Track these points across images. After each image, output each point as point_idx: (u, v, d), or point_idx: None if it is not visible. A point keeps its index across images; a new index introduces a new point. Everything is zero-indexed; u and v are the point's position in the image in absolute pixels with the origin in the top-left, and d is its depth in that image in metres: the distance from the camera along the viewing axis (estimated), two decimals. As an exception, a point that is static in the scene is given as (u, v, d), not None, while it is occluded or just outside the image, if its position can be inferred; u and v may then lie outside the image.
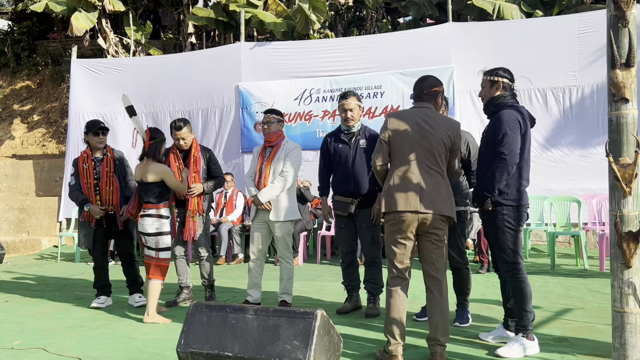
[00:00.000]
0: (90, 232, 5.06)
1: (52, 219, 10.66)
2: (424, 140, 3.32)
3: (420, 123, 3.35)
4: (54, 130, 12.93)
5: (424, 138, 3.32)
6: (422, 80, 3.55)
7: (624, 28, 2.62)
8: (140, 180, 4.53)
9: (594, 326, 4.10)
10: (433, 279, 3.33)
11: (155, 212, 4.51)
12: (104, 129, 5.12)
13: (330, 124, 9.13)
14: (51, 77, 14.03)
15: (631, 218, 2.65)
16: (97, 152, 5.12)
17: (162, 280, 4.57)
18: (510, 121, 3.38)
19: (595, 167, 8.00)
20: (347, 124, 4.58)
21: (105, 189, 5.04)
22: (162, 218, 4.53)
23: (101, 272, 5.18)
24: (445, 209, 3.30)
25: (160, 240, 4.52)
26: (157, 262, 4.54)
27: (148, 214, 4.52)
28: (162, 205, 4.53)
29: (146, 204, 4.53)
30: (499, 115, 3.48)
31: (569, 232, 7.16)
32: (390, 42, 9.22)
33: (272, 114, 4.76)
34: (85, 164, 5.07)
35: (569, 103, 8.18)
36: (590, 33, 8.04)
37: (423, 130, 3.33)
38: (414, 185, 3.26)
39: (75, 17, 11.39)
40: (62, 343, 3.87)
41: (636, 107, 2.65)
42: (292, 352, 2.57)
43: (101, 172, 5.06)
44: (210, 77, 9.82)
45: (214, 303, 2.88)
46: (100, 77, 10.45)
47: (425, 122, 3.37)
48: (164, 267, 4.58)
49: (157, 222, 4.50)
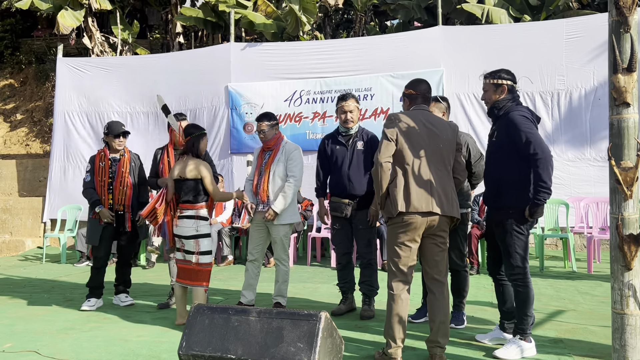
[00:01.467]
0: (99, 230, 5.00)
1: (36, 219, 10.48)
2: (433, 142, 3.32)
3: (426, 124, 3.34)
4: (38, 129, 12.72)
5: (432, 139, 3.32)
6: (420, 83, 3.54)
7: (626, 33, 2.65)
8: (179, 178, 4.28)
9: (587, 328, 4.14)
10: (436, 281, 3.33)
11: (194, 212, 4.23)
12: (125, 132, 5.14)
13: (320, 126, 9.13)
14: (35, 75, 13.81)
15: (632, 221, 2.68)
16: (115, 152, 5.14)
17: (206, 286, 4.25)
18: (524, 123, 3.36)
19: (582, 172, 8.10)
20: (346, 125, 4.57)
21: (118, 188, 5.04)
22: (201, 219, 4.25)
23: (99, 272, 5.10)
24: (454, 211, 3.32)
25: (201, 243, 4.23)
26: (197, 267, 4.22)
27: (187, 215, 4.24)
28: (201, 205, 4.27)
29: (184, 204, 4.26)
30: (509, 118, 3.43)
31: (558, 235, 7.23)
32: (381, 45, 9.24)
33: (265, 121, 4.66)
34: (101, 162, 5.08)
35: (557, 107, 8.27)
36: (578, 38, 8.15)
37: (430, 132, 3.32)
38: (427, 186, 3.24)
39: (62, 15, 11.23)
40: (54, 346, 3.80)
41: (637, 112, 2.69)
42: (297, 354, 2.55)
43: (116, 172, 5.07)
44: (199, 78, 9.74)
45: (216, 305, 2.85)
46: (87, 76, 10.31)
47: (431, 123, 3.37)
48: (206, 272, 4.25)
49: (196, 224, 4.22)
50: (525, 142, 3.32)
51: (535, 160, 3.30)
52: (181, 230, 4.24)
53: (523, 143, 3.32)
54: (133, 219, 5.10)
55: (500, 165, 3.49)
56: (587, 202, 7.51)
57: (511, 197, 3.42)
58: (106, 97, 10.20)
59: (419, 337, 3.87)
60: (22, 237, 10.30)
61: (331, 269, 7.26)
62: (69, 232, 8.73)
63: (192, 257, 4.23)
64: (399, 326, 3.22)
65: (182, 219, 4.24)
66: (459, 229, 4.06)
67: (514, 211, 3.41)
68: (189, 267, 4.26)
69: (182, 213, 4.25)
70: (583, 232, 7.45)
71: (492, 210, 3.60)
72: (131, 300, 5.16)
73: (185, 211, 4.24)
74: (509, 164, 3.44)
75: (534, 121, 3.45)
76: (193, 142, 4.36)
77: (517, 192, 3.41)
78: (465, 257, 4.21)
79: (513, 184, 3.43)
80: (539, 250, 7.12)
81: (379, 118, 8.93)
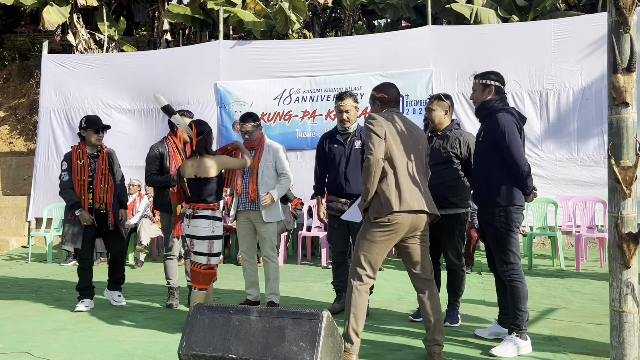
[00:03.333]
0: (80, 231, 4.82)
1: (20, 218, 10.32)
2: (414, 143, 3.36)
3: (406, 126, 3.38)
4: (22, 127, 12.52)
5: (413, 140, 3.36)
6: (391, 87, 3.54)
7: (625, 33, 2.67)
8: (195, 177, 4.11)
9: (580, 325, 4.18)
10: (425, 280, 3.34)
11: (211, 213, 4.09)
12: (106, 127, 4.97)
13: (310, 124, 9.11)
14: (19, 72, 13.58)
15: (630, 219, 2.71)
16: (93, 148, 4.95)
17: (207, 288, 4.14)
18: (508, 128, 3.44)
19: (570, 171, 8.19)
20: (344, 125, 4.58)
21: (99, 186, 4.86)
22: (217, 220, 4.12)
23: (87, 273, 4.91)
24: (434, 209, 3.36)
25: (214, 244, 4.10)
26: (206, 270, 4.10)
27: (203, 215, 4.08)
28: (216, 205, 4.14)
29: (199, 204, 4.10)
30: (494, 119, 3.52)
31: (546, 234, 7.29)
32: (371, 44, 9.25)
33: (250, 122, 4.65)
34: (79, 159, 4.85)
35: (546, 107, 8.35)
36: (567, 38, 8.24)
37: (411, 133, 3.37)
38: (416, 185, 3.27)
39: (47, 11, 11.07)
40: (46, 347, 3.73)
41: (636, 111, 2.71)
42: (299, 353, 2.53)
43: (96, 169, 4.88)
44: (187, 75, 9.67)
45: (216, 304, 2.82)
46: (72, 73, 10.17)
47: (409, 125, 3.43)
48: (211, 275, 4.14)
49: (212, 225, 4.09)
50: (505, 150, 3.44)
51: (515, 172, 3.45)
52: (195, 230, 4.08)
53: (504, 151, 3.45)
54: (116, 218, 4.97)
55: (487, 164, 3.57)
56: (575, 201, 7.59)
57: (499, 196, 3.49)
58: (92, 95, 10.08)
59: (415, 335, 3.88)
60: (6, 236, 10.13)
61: (322, 268, 7.25)
62: (55, 231, 8.60)
63: (203, 259, 4.09)
64: (361, 320, 3.21)
65: (197, 219, 4.08)
66: (457, 228, 4.08)
67: (502, 209, 3.48)
68: (196, 270, 4.12)
69: (197, 213, 4.09)
70: (571, 230, 7.52)
71: (481, 209, 3.65)
72: (124, 301, 5.07)
73: (200, 211, 4.10)
74: (496, 163, 3.52)
75: (519, 123, 3.53)
76: (205, 140, 4.20)
77: (504, 191, 3.48)
78: (462, 257, 4.22)
79: (500, 183, 3.50)
80: (527, 249, 7.18)
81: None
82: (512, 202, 3.49)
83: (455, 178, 4.07)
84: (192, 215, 4.11)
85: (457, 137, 4.11)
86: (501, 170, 3.50)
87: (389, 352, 3.56)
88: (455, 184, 4.07)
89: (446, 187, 4.04)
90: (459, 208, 4.07)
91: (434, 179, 3.82)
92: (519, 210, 3.53)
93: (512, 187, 3.49)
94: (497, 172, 3.51)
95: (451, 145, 4.08)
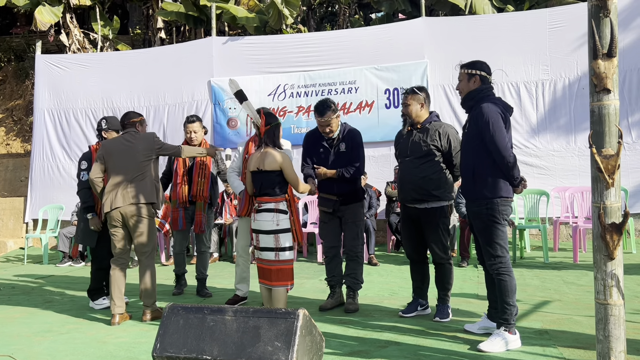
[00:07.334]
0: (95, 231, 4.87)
1: (17, 220, 10.31)
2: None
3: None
4: (18, 128, 12.51)
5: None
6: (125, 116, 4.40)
7: (605, 18, 2.58)
8: (257, 170, 3.98)
9: (572, 318, 4.11)
10: None
11: (274, 205, 3.91)
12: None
13: (305, 120, 9.04)
14: (14, 73, 13.55)
15: (614, 210, 2.63)
16: None
17: (289, 285, 3.98)
18: (493, 118, 3.38)
19: (567, 162, 8.09)
20: (328, 136, 4.57)
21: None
22: (281, 213, 3.93)
23: (104, 273, 4.81)
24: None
25: (281, 239, 3.91)
26: (278, 266, 3.93)
27: (266, 208, 3.91)
28: (281, 198, 3.95)
29: (262, 197, 3.95)
30: (479, 109, 3.46)
31: (532, 226, 7.04)
32: (364, 37, 9.15)
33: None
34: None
35: (542, 97, 8.25)
36: (562, 27, 8.12)
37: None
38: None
39: (39, 11, 11.02)
40: (29, 349, 3.69)
41: (617, 98, 2.63)
42: (274, 353, 2.47)
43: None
44: (181, 73, 9.61)
45: (191, 305, 2.76)
46: (66, 73, 10.12)
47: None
48: (288, 270, 3.96)
49: (276, 217, 3.90)
50: (489, 141, 3.39)
51: (500, 163, 3.40)
52: (259, 224, 3.94)
53: (488, 142, 3.40)
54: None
55: (474, 156, 3.50)
56: (572, 191, 7.49)
57: (485, 188, 3.43)
58: (86, 94, 10.02)
59: (404, 331, 3.82)
60: (4, 238, 10.12)
61: (317, 264, 7.19)
62: (50, 232, 8.57)
63: (271, 255, 3.94)
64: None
65: (261, 213, 3.93)
66: (440, 221, 4.01)
67: (489, 201, 3.42)
68: (267, 267, 3.99)
69: (261, 207, 3.95)
70: (568, 221, 7.43)
71: (468, 201, 3.59)
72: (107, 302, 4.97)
73: (264, 204, 3.94)
74: (482, 155, 3.46)
75: (504, 113, 3.46)
76: (273, 131, 4.05)
77: (491, 183, 3.42)
78: (449, 250, 4.16)
79: (487, 175, 3.44)
80: (515, 241, 7.05)
81: (363, 111, 8.86)
82: (499, 194, 3.43)
83: (437, 171, 4.00)
84: (256, 210, 3.97)
85: (436, 129, 4.04)
86: (487, 162, 3.45)
87: (375, 349, 3.50)
88: (437, 177, 3.99)
89: (428, 181, 3.98)
90: (441, 201, 4.00)
91: (415, 172, 3.76)
92: (507, 203, 3.47)
93: (499, 178, 3.43)
94: (484, 163, 3.46)
95: (431, 138, 4.01)
